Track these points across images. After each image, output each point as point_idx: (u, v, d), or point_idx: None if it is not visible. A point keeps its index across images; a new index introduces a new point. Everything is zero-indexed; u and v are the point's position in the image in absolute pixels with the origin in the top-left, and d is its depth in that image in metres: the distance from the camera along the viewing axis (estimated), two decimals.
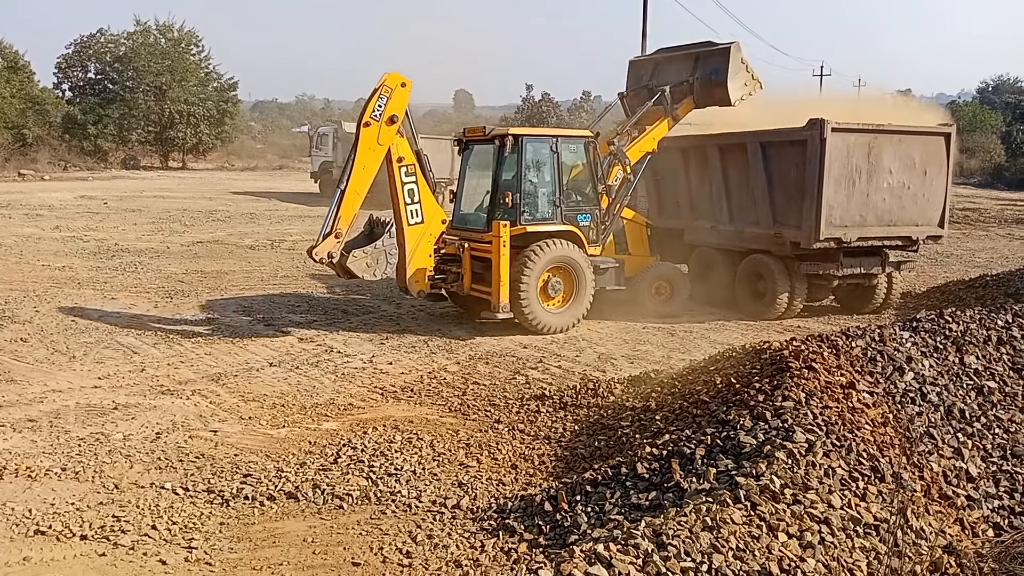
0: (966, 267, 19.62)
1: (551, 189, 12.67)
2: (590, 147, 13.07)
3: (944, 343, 7.53)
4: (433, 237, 12.10)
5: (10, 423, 8.00)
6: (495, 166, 12.65)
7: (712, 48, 14.43)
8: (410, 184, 11.76)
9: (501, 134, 12.44)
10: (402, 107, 11.54)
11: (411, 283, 11.93)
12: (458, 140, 13.62)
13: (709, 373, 7.63)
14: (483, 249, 12.27)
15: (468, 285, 12.51)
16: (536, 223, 12.44)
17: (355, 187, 11.29)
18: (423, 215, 11.88)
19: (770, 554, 4.61)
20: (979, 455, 6.52)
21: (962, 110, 53.71)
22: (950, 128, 14.12)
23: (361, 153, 11.37)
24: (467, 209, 13.32)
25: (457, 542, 5.74)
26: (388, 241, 11.57)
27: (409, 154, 11.74)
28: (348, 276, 11.56)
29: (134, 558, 5.53)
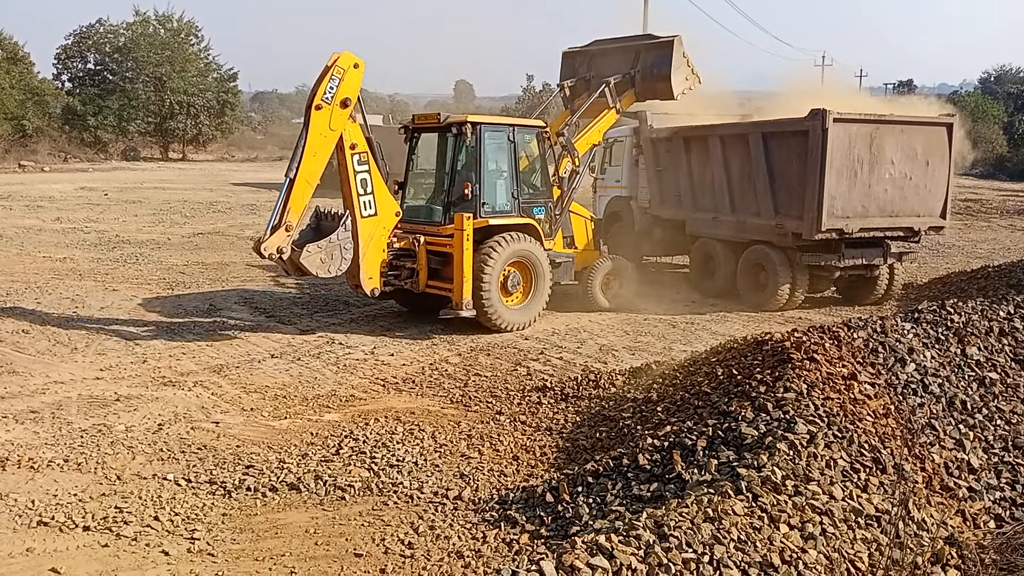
0: (968, 258, 19.60)
1: (509, 180, 12.20)
2: (543, 137, 12.69)
3: (946, 334, 7.53)
4: (387, 231, 11.44)
5: (12, 414, 8.02)
6: (451, 155, 12.10)
7: (654, 41, 14.24)
8: (363, 173, 11.02)
9: (459, 122, 11.83)
10: (355, 90, 10.79)
11: (365, 280, 11.23)
12: (404, 127, 12.93)
13: (711, 364, 7.62)
14: (440, 243, 11.69)
15: (424, 282, 11.88)
16: (496, 216, 11.95)
17: (305, 176, 10.54)
18: (376, 207, 11.18)
19: (772, 545, 4.61)
20: (981, 447, 6.53)
21: (964, 100, 53.55)
22: (952, 118, 14.07)
23: (312, 139, 10.59)
24: (418, 200, 12.74)
25: (459, 533, 5.76)
26: (343, 235, 10.85)
27: (362, 141, 11.03)
28: (299, 273, 10.97)
29: (137, 549, 5.54)
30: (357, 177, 10.97)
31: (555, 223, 12.81)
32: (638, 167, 17.15)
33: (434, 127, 12.42)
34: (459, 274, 11.31)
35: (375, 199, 11.14)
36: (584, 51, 15.25)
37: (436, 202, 12.42)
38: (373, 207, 11.13)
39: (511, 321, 11.80)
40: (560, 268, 12.68)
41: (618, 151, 17.87)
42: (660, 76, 13.95)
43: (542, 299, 12.20)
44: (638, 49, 14.32)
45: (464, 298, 11.31)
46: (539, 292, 12.16)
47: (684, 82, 14.10)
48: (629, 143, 17.35)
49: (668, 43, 13.98)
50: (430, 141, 12.84)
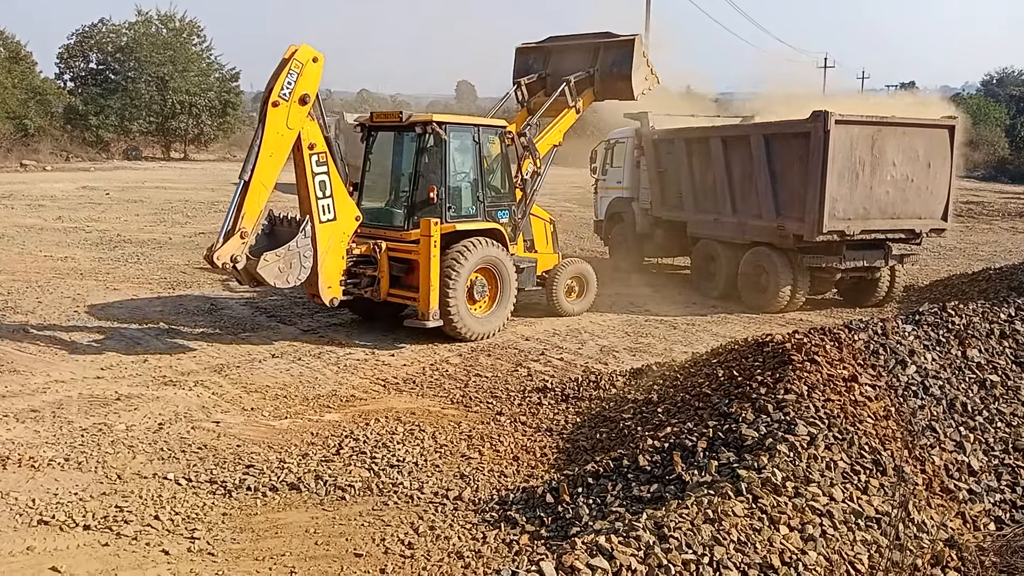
0: (969, 260, 19.59)
1: (474, 183, 11.69)
2: (505, 138, 12.14)
3: (947, 337, 7.53)
4: (347, 236, 10.79)
5: (13, 413, 8.02)
6: (415, 157, 11.45)
7: (613, 40, 13.79)
8: (321, 175, 10.36)
9: (423, 121, 11.20)
10: (314, 86, 10.12)
11: (324, 290, 10.57)
12: (361, 125, 12.23)
13: (711, 366, 7.62)
14: (403, 249, 11.11)
15: (386, 290, 11.25)
16: (463, 220, 11.41)
17: (261, 178, 9.82)
18: (336, 211, 10.50)
19: (772, 547, 4.61)
20: (981, 449, 6.53)
21: (966, 103, 53.52)
22: (954, 121, 14.07)
23: (268, 138, 9.85)
24: (377, 203, 12.00)
25: (459, 533, 5.76)
26: (303, 241, 10.15)
27: (321, 141, 10.36)
28: (255, 283, 10.28)
29: (137, 548, 5.55)
30: (315, 179, 10.33)
31: (518, 227, 12.36)
32: (640, 168, 17.16)
33: (395, 126, 11.80)
34: (426, 282, 10.73)
35: (334, 203, 10.50)
36: (539, 47, 14.65)
37: (398, 206, 11.77)
38: (332, 211, 10.48)
39: (476, 330, 11.27)
40: (523, 273, 12.21)
41: (620, 152, 17.89)
42: (620, 75, 13.48)
43: (508, 306, 11.73)
44: (597, 47, 13.78)
45: (431, 307, 10.74)
46: (505, 299, 11.67)
47: (644, 82, 13.67)
48: (631, 144, 17.37)
49: (628, 41, 13.55)
50: (389, 140, 12.21)
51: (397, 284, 11.27)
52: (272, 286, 10.27)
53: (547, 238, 13.30)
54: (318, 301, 10.94)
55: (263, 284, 10.19)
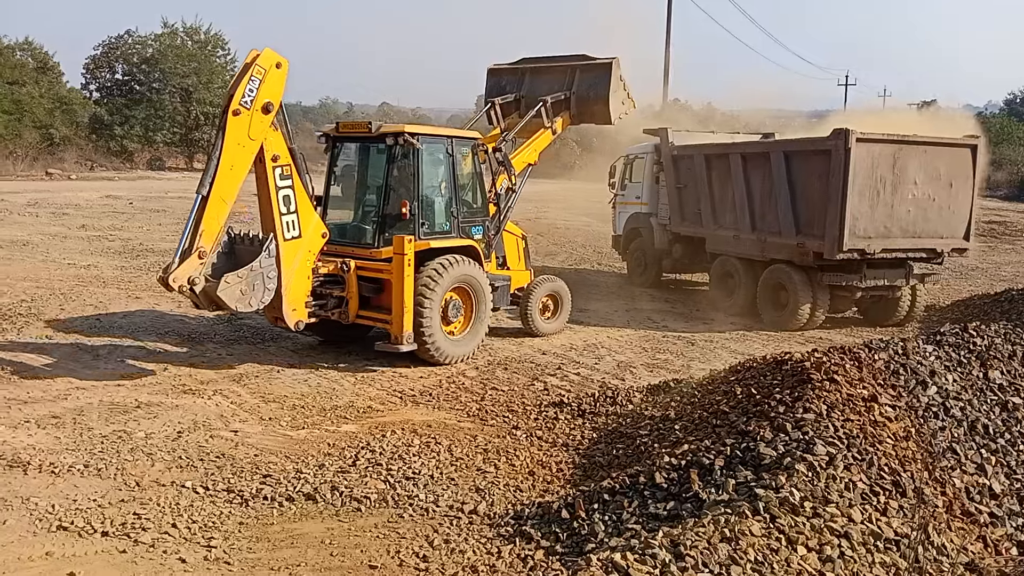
0: (991, 281, 19.39)
1: (448, 198, 11.10)
2: (478, 151, 11.61)
3: (968, 357, 7.46)
4: (313, 255, 10.12)
5: (34, 419, 8.11)
6: (385, 169, 10.84)
7: (590, 62, 13.58)
8: (285, 190, 9.70)
9: (395, 131, 10.51)
10: (278, 93, 9.48)
11: (288, 313, 9.87)
12: (325, 135, 11.46)
13: (729, 383, 7.59)
14: (374, 268, 10.47)
15: (355, 312, 10.59)
16: (437, 237, 10.80)
17: (221, 193, 9.14)
18: (300, 228, 9.84)
19: (789, 567, 4.58)
20: (1003, 472, 6.45)
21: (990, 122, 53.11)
22: (976, 140, 13.98)
23: (229, 149, 9.20)
24: (343, 219, 11.34)
25: (474, 547, 5.75)
26: (267, 261, 9.43)
27: (285, 152, 9.71)
28: (214, 307, 9.49)
29: (154, 555, 5.58)
30: (279, 194, 9.65)
31: (492, 243, 11.80)
32: (659, 184, 17.15)
33: (363, 137, 11.11)
34: (399, 303, 10.08)
35: (299, 219, 9.83)
36: (512, 69, 14.34)
37: (367, 222, 11.08)
38: (297, 228, 9.81)
39: (452, 353, 10.67)
40: (498, 292, 11.61)
41: (638, 168, 17.89)
42: (597, 99, 13.22)
43: (483, 327, 11.17)
44: (573, 69, 13.52)
45: (405, 330, 10.10)
46: (480, 320, 11.09)
47: (621, 106, 13.43)
48: (650, 160, 17.38)
49: (605, 65, 13.28)
50: (357, 153, 11.59)
51: (367, 305, 10.64)
52: (234, 311, 9.52)
53: (519, 254, 12.82)
54: (281, 325, 10.25)
55: (223, 309, 9.42)
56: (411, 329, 10.16)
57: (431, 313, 10.29)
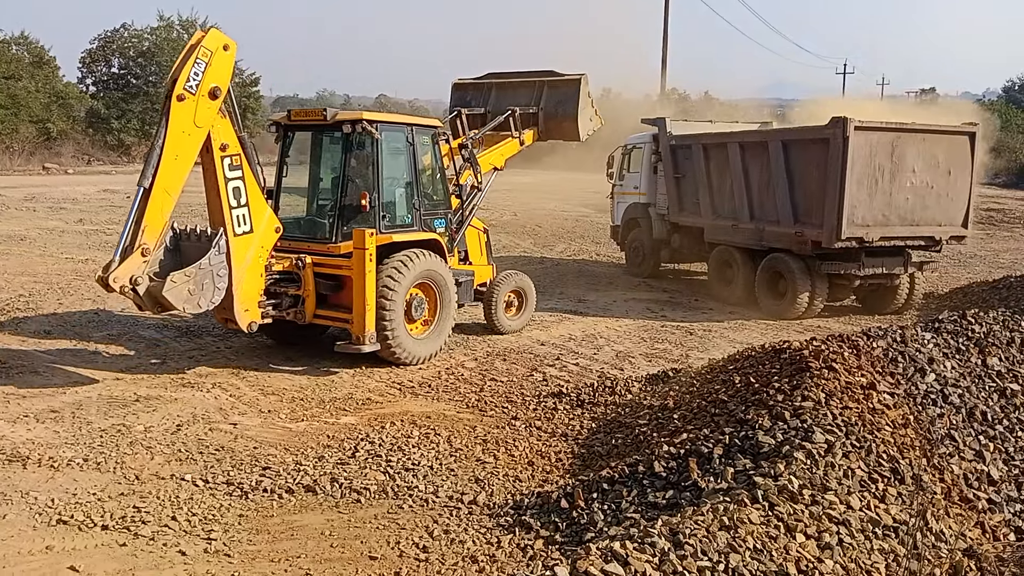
0: (990, 268, 19.39)
1: (409, 189, 10.57)
2: (438, 140, 11.04)
3: (966, 345, 7.46)
4: (266, 251, 9.46)
5: (33, 413, 8.11)
6: (342, 159, 10.28)
7: (558, 79, 13.35)
8: (235, 181, 9.05)
9: (352, 119, 9.98)
10: (226, 77, 8.88)
11: (240, 313, 9.21)
12: (276, 124, 10.87)
13: (728, 372, 7.59)
14: (332, 264, 9.93)
15: (312, 311, 10.01)
16: (399, 230, 10.30)
17: (165, 184, 8.48)
18: (252, 222, 9.18)
19: (788, 555, 4.58)
20: (1001, 458, 6.46)
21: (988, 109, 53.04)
22: (974, 127, 13.97)
23: (173, 137, 8.54)
24: (296, 212, 10.81)
25: (473, 538, 5.76)
26: (216, 259, 8.77)
27: (234, 141, 9.07)
28: (159, 309, 8.80)
29: (154, 548, 5.59)
30: (229, 186, 9.00)
31: (455, 237, 11.33)
32: (657, 174, 17.13)
33: (318, 125, 10.52)
34: (361, 301, 9.51)
35: (251, 212, 9.17)
36: (477, 84, 14.13)
37: (322, 215, 10.52)
38: (248, 222, 9.14)
39: (416, 354, 10.15)
40: (461, 288, 11.14)
41: (636, 157, 17.87)
42: (565, 116, 13.00)
43: (448, 325, 10.66)
44: (541, 85, 13.25)
45: (367, 330, 9.54)
46: (445, 318, 10.56)
47: (589, 123, 13.21)
48: (648, 149, 17.35)
49: (574, 81, 13.04)
50: (312, 142, 11.02)
51: (324, 304, 10.08)
52: (181, 312, 8.90)
53: (481, 248, 12.34)
54: (232, 326, 9.59)
55: (169, 309, 8.81)
56: (373, 328, 9.62)
57: (395, 311, 9.77)
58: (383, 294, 9.69)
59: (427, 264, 10.23)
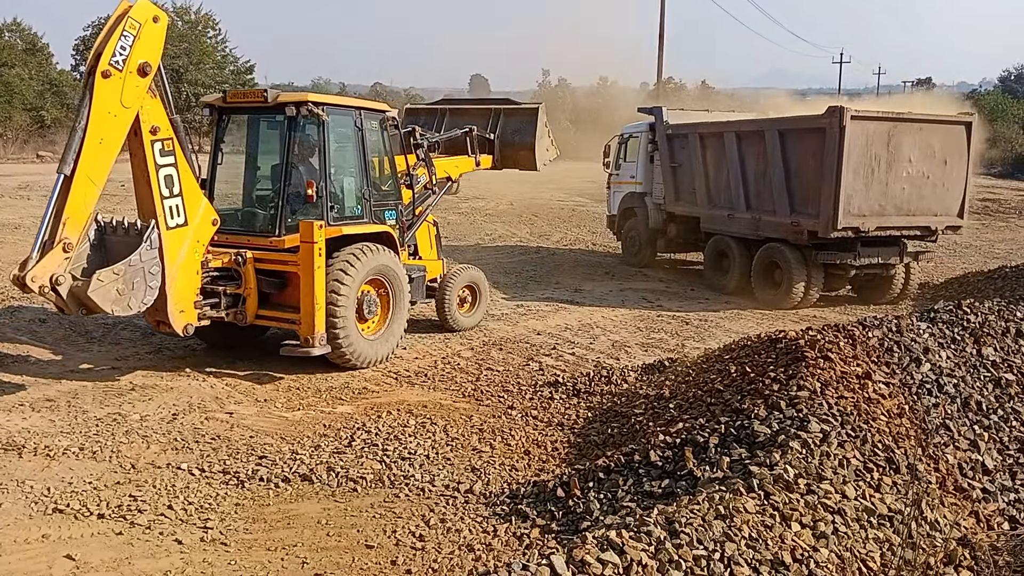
0: (985, 258, 19.43)
1: (358, 178, 9.87)
2: (387, 126, 10.34)
3: (962, 334, 7.48)
4: (202, 246, 8.67)
5: (29, 403, 8.10)
6: (286, 145, 9.46)
7: (515, 107, 13.17)
8: (167, 168, 8.23)
9: (297, 101, 9.25)
10: (156, 52, 8.00)
11: (175, 315, 8.44)
12: (210, 106, 9.98)
13: (724, 362, 7.60)
14: (276, 259, 9.15)
15: (254, 311, 9.22)
16: (349, 222, 9.62)
17: (89, 172, 7.61)
18: (186, 214, 8.39)
19: (783, 543, 4.60)
20: (995, 448, 6.49)
21: (984, 99, 53.05)
22: (971, 117, 13.97)
23: (97, 119, 7.63)
24: (235, 203, 10.00)
25: (470, 526, 5.78)
26: (148, 255, 7.93)
27: (166, 123, 8.24)
28: (84, 311, 7.87)
29: (150, 537, 5.59)
30: (160, 173, 8.17)
31: (406, 230, 10.69)
32: (653, 163, 17.11)
33: (259, 108, 9.71)
34: (309, 300, 8.77)
35: (185, 203, 8.37)
36: (431, 109, 13.82)
37: (264, 206, 9.76)
38: (182, 214, 8.36)
39: (368, 355, 9.50)
40: (414, 284, 10.45)
41: (633, 147, 17.84)
42: (523, 145, 12.61)
43: (401, 325, 10.02)
44: (497, 112, 12.92)
45: (317, 331, 8.82)
46: (399, 316, 9.93)
47: (546, 153, 12.93)
48: (644, 139, 17.32)
49: (531, 111, 12.83)
50: (252, 126, 10.22)
51: (267, 303, 9.32)
52: (109, 314, 8.06)
53: (431, 242, 11.77)
54: (166, 330, 8.74)
55: (94, 312, 7.91)
56: (323, 328, 8.91)
57: (346, 310, 9.10)
58: (333, 292, 9.00)
59: (379, 259, 9.59)
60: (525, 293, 14.40)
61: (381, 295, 9.80)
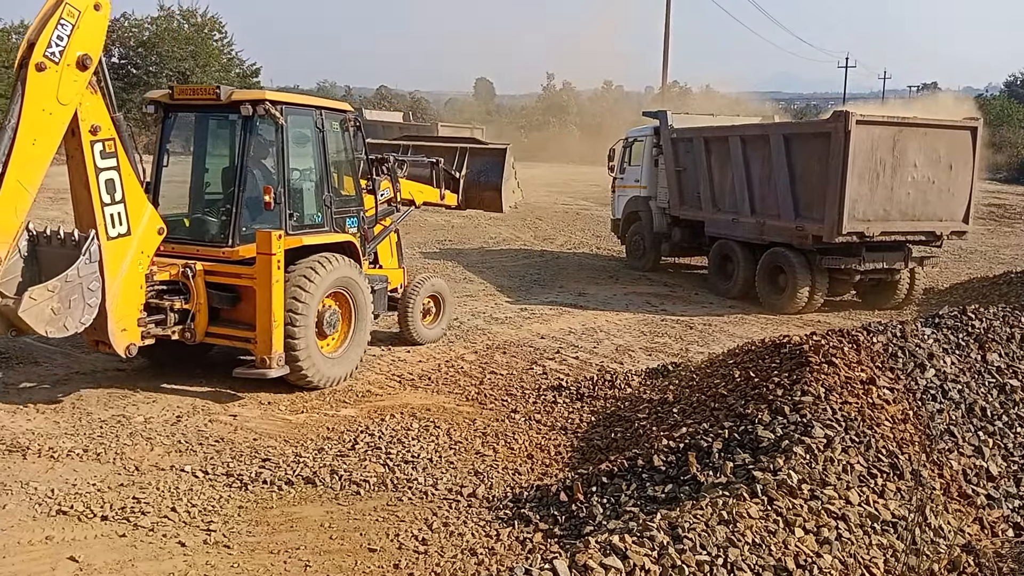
0: (990, 264, 19.39)
1: (319, 183, 9.21)
2: (348, 126, 9.62)
3: (966, 340, 7.46)
4: (147, 257, 7.91)
5: (33, 404, 8.11)
6: (240, 147, 8.70)
7: (482, 146, 13.00)
8: (109, 172, 7.45)
9: (253, 99, 8.52)
10: (97, 44, 7.23)
11: (116, 334, 7.66)
12: (155, 104, 9.09)
13: (728, 366, 7.59)
14: (228, 272, 8.43)
15: (204, 328, 8.48)
16: (309, 231, 8.93)
17: (20, 175, 6.86)
18: (129, 222, 7.63)
19: (786, 549, 4.59)
20: (1000, 454, 6.47)
21: (990, 104, 52.95)
22: (976, 122, 13.94)
23: (30, 116, 6.90)
24: (183, 209, 9.25)
25: (473, 530, 5.77)
26: (86, 268, 7.15)
27: (107, 123, 7.47)
28: (15, 332, 7.27)
29: (153, 539, 5.60)
30: (100, 177, 7.39)
31: (368, 238, 9.97)
32: (658, 167, 17.11)
33: (210, 106, 8.93)
34: (267, 316, 8.07)
35: (127, 211, 7.61)
36: (394, 144, 13.33)
37: (215, 213, 9.00)
38: (124, 223, 7.59)
39: (331, 375, 8.84)
40: (376, 296, 9.74)
41: (638, 151, 17.85)
42: (489, 185, 12.24)
43: (364, 340, 9.35)
44: (463, 152, 12.51)
45: (275, 350, 8.14)
46: (361, 331, 9.24)
47: (512, 195, 12.61)
48: (649, 143, 17.32)
49: (499, 151, 12.50)
50: (201, 126, 9.50)
51: (218, 319, 8.59)
52: (44, 335, 7.26)
53: (392, 249, 11.06)
54: (106, 350, 8.03)
55: (27, 333, 7.25)
56: (282, 348, 8.24)
57: (306, 327, 8.41)
58: (292, 307, 8.30)
59: (341, 270, 8.88)
60: (529, 297, 14.40)
61: (343, 309, 9.10)
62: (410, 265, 13.48)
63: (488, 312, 12.95)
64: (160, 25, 51.59)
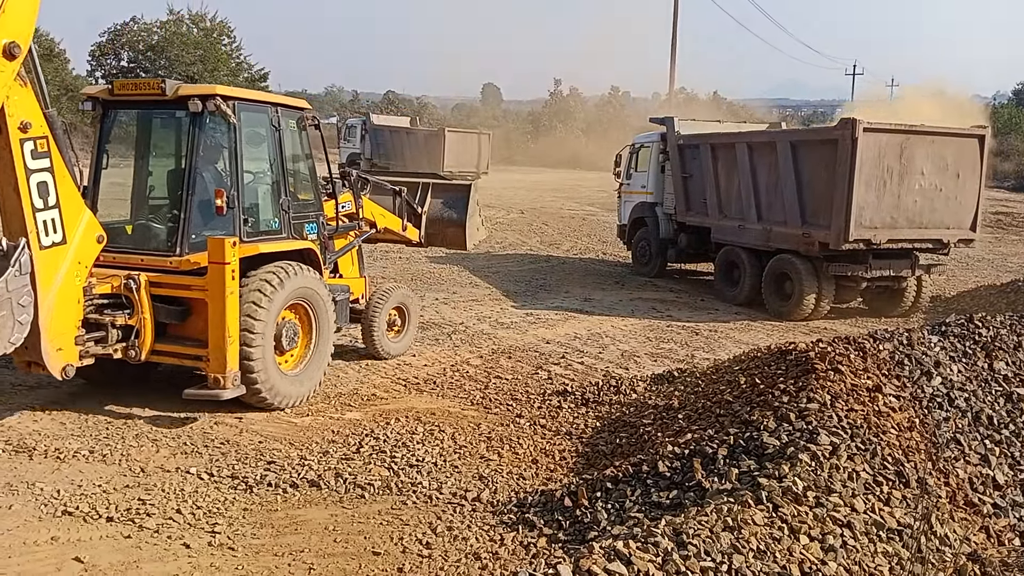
0: (997, 272, 19.32)
1: (276, 186, 8.53)
2: (305, 124, 8.95)
3: (973, 348, 7.44)
4: (84, 267, 7.15)
5: (40, 404, 8.14)
6: (189, 147, 7.98)
7: (446, 182, 12.85)
8: (41, 174, 6.66)
9: (202, 94, 7.80)
10: (27, 30, 6.33)
11: (51, 353, 6.88)
12: (93, 100, 8.30)
13: (733, 373, 7.58)
14: (176, 283, 7.72)
15: (149, 345, 7.69)
16: (266, 238, 8.27)
17: None
18: (64, 230, 6.86)
19: (791, 556, 4.58)
20: (1007, 463, 6.44)
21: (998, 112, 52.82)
22: (984, 130, 13.92)
23: None
24: (125, 215, 8.65)
25: (477, 535, 5.77)
26: (16, 282, 6.39)
27: (39, 119, 6.68)
28: None
29: (158, 541, 5.61)
30: (32, 180, 6.59)
31: (328, 246, 9.34)
32: (664, 173, 17.11)
33: (155, 102, 8.14)
34: (220, 331, 7.37)
35: (62, 217, 6.83)
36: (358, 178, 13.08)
37: (161, 219, 8.36)
38: (59, 230, 6.81)
39: (290, 394, 8.18)
40: (338, 307, 9.06)
41: (644, 156, 17.86)
42: (453, 222, 12.07)
43: (326, 355, 8.68)
44: (425, 187, 12.21)
45: (229, 369, 7.42)
46: (322, 346, 8.58)
47: (476, 232, 12.55)
48: (656, 149, 17.33)
49: (464, 187, 12.53)
50: (145, 123, 8.79)
51: (165, 336, 7.83)
52: None
53: (352, 258, 10.34)
54: (40, 371, 7.14)
55: None
56: (237, 367, 7.53)
57: (262, 343, 7.72)
58: (248, 323, 7.57)
59: (301, 280, 8.20)
60: (535, 302, 14.41)
61: (302, 322, 8.41)
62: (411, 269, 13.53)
63: (494, 317, 12.95)
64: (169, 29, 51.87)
